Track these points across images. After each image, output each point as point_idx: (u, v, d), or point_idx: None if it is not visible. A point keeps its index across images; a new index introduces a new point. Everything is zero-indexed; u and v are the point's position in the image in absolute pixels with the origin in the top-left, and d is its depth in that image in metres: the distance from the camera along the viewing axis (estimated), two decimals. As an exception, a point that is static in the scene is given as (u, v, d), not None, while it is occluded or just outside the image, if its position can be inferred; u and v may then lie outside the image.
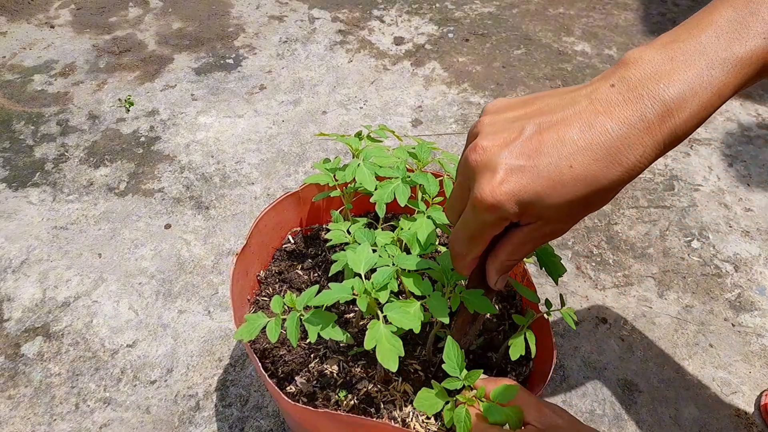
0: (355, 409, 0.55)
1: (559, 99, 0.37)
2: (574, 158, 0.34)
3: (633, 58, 0.35)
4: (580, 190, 0.35)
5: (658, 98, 0.33)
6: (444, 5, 1.76)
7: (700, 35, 0.34)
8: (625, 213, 1.13)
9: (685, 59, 0.34)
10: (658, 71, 0.34)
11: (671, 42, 0.35)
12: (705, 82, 0.33)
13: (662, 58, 0.34)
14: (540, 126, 0.36)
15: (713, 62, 0.34)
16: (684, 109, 0.34)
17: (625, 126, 0.34)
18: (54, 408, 0.83)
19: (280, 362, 0.58)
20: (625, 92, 0.34)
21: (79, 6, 1.70)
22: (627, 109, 0.34)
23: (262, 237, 0.68)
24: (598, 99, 0.35)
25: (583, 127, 0.34)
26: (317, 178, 0.63)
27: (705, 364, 0.90)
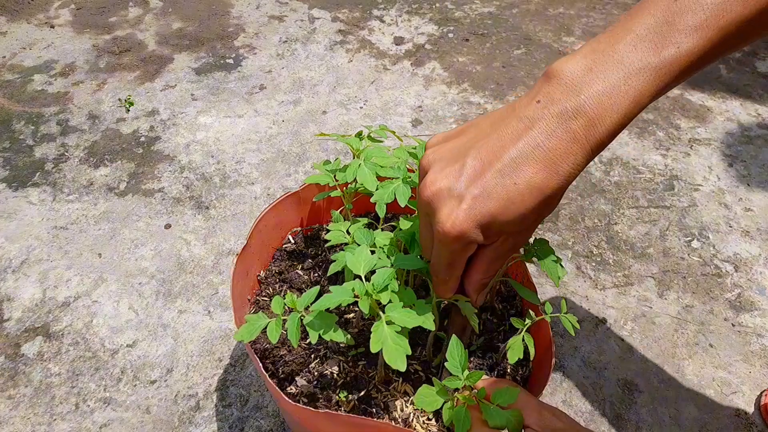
0: (356, 409, 0.55)
1: (492, 122, 0.40)
2: (516, 175, 0.37)
3: (555, 71, 0.37)
4: (529, 203, 0.37)
5: (580, 111, 0.36)
6: (444, 5, 1.76)
7: (618, 44, 0.36)
8: (625, 213, 1.13)
9: (603, 70, 0.36)
10: (578, 83, 0.36)
11: (591, 52, 0.37)
12: (623, 92, 0.35)
13: (582, 69, 0.36)
14: (479, 151, 0.38)
15: (630, 72, 0.36)
16: (605, 119, 0.36)
17: (554, 139, 0.36)
18: (54, 408, 0.83)
19: (280, 362, 0.58)
20: (550, 106, 0.36)
21: (79, 6, 1.70)
22: (553, 123, 0.36)
23: (262, 237, 0.68)
24: (527, 116, 0.37)
25: (517, 145, 0.37)
26: (317, 179, 0.63)
27: (705, 364, 0.90)
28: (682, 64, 0.36)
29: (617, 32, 0.37)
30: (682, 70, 0.36)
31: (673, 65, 0.36)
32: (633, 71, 0.36)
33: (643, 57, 0.36)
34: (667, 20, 0.35)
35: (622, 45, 0.36)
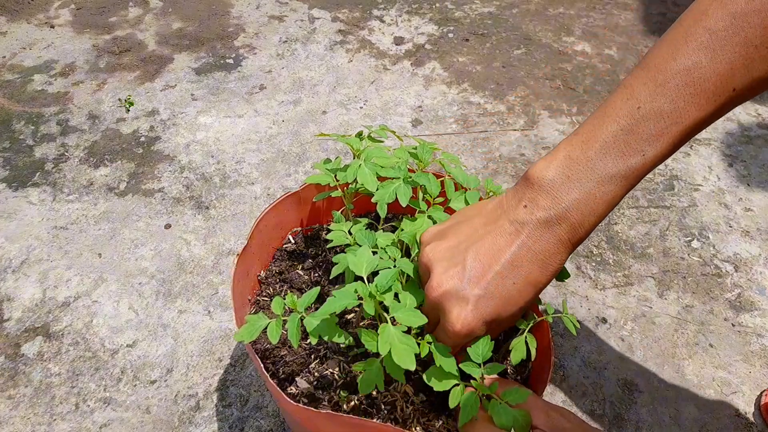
0: (356, 409, 0.55)
1: (484, 222, 0.45)
2: (513, 276, 0.42)
3: (537, 177, 0.42)
4: (525, 298, 0.44)
5: (563, 218, 0.41)
6: (444, 5, 1.76)
7: (589, 152, 0.40)
8: (625, 213, 1.13)
9: (578, 178, 0.41)
10: (558, 191, 0.41)
11: (567, 159, 0.41)
12: (598, 198, 0.40)
13: (561, 177, 0.41)
14: (477, 254, 0.43)
15: (602, 180, 0.40)
16: (584, 223, 0.41)
17: (543, 242, 0.42)
18: (54, 408, 0.83)
19: (281, 363, 0.58)
20: (536, 212, 0.42)
21: (79, 6, 1.70)
22: (541, 229, 0.42)
23: (262, 237, 0.68)
24: (517, 220, 0.43)
25: (511, 248, 0.42)
26: (318, 178, 0.63)
27: (705, 364, 0.90)
28: (647, 168, 0.40)
29: (588, 137, 0.41)
30: (648, 171, 0.41)
31: (639, 170, 0.40)
32: (605, 179, 0.40)
33: (612, 165, 0.40)
34: (630, 129, 0.39)
35: (593, 153, 0.40)
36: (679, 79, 0.38)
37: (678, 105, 0.38)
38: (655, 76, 0.39)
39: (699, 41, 0.38)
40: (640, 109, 0.39)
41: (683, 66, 0.38)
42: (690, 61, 0.38)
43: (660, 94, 0.38)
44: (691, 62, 0.38)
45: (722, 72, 0.37)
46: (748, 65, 0.37)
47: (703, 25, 0.38)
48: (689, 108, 0.38)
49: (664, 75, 0.38)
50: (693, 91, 0.38)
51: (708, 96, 0.38)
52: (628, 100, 0.40)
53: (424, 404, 0.55)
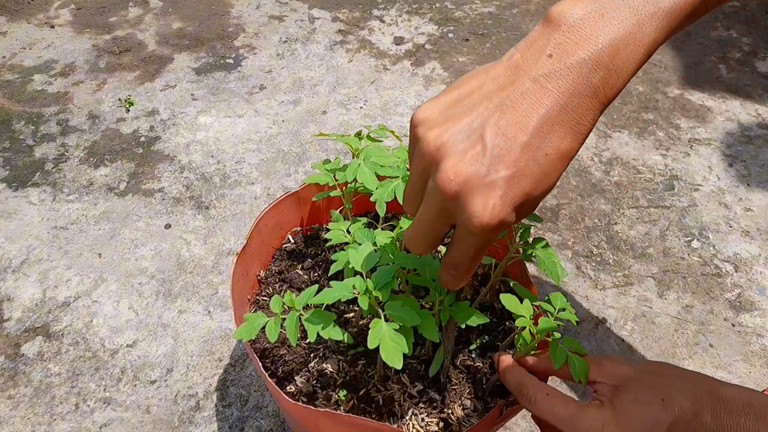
0: (355, 408, 0.55)
1: (499, 86, 0.35)
2: (545, 146, 0.34)
3: (560, 16, 0.34)
4: (559, 170, 0.35)
5: (600, 62, 0.33)
6: (444, 5, 1.76)
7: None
8: (625, 213, 1.13)
9: (615, 15, 0.33)
10: (592, 31, 0.33)
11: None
12: (638, 40, 0.34)
13: (594, 15, 0.34)
14: (498, 126, 0.34)
15: (642, 18, 0.34)
16: (622, 70, 0.34)
17: (576, 97, 0.34)
18: (54, 408, 0.83)
19: (280, 362, 0.58)
20: (565, 59, 0.33)
21: (79, 6, 1.71)
22: (573, 78, 0.33)
23: (262, 237, 0.68)
24: (542, 74, 0.34)
25: (539, 111, 0.34)
26: (317, 178, 0.63)
27: (705, 364, 0.90)
28: (693, 2, 0.34)
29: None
30: (692, 10, 0.35)
31: (682, 7, 0.34)
32: (646, 16, 0.34)
33: (654, 1, 0.34)
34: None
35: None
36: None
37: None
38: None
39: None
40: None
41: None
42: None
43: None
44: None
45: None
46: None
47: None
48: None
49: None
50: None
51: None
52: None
53: (420, 394, 0.56)
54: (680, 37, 1.60)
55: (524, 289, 0.56)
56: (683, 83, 1.46)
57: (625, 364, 0.44)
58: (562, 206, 1.14)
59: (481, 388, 0.57)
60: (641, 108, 1.39)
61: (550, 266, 0.52)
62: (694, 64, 1.52)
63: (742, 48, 1.58)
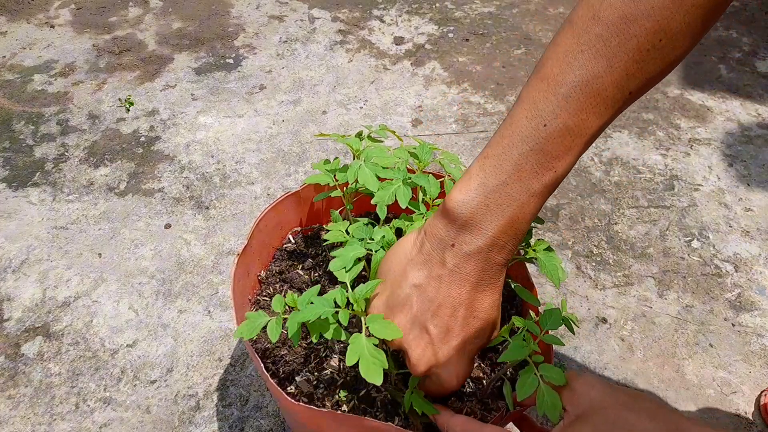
0: (356, 409, 0.55)
1: (424, 278, 0.45)
2: (474, 314, 0.45)
3: (456, 212, 0.42)
4: (494, 318, 0.46)
5: (494, 244, 0.42)
6: (444, 5, 1.76)
7: (503, 176, 0.41)
8: (625, 213, 1.13)
9: (498, 205, 0.41)
10: (482, 222, 0.42)
11: (482, 186, 0.42)
12: (520, 219, 0.42)
13: (481, 207, 0.42)
14: (435, 318, 0.44)
15: (521, 203, 0.41)
16: (512, 242, 0.43)
17: (486, 272, 0.43)
18: (54, 408, 0.83)
19: (281, 362, 0.58)
20: (465, 247, 0.43)
21: (79, 6, 1.70)
22: (477, 262, 0.43)
23: (262, 237, 0.68)
24: (452, 263, 0.43)
25: (461, 295, 0.44)
26: (317, 178, 0.63)
27: (705, 364, 0.90)
28: (559, 181, 0.41)
29: (500, 161, 0.41)
30: (560, 182, 0.42)
31: (553, 185, 0.41)
32: (524, 201, 0.41)
33: (528, 187, 0.41)
34: (540, 148, 0.40)
35: (506, 176, 0.41)
36: (580, 92, 0.38)
37: (581, 118, 0.39)
38: (556, 89, 0.39)
39: (594, 50, 0.38)
40: (546, 127, 0.39)
41: (582, 78, 0.38)
42: (588, 73, 0.38)
43: (563, 109, 0.39)
44: (590, 74, 0.38)
45: (619, 79, 0.38)
46: (642, 68, 0.38)
47: (595, 32, 0.38)
48: (591, 118, 0.39)
49: (565, 88, 0.38)
50: (594, 102, 0.38)
51: (608, 104, 0.39)
52: (533, 119, 0.40)
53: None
54: (680, 37, 1.60)
55: (526, 291, 0.56)
56: (683, 83, 1.46)
57: (598, 387, 0.42)
58: (562, 206, 1.14)
59: (480, 389, 0.57)
60: (641, 108, 1.39)
61: (551, 269, 0.52)
62: (694, 64, 1.52)
63: (742, 48, 1.58)
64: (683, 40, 0.37)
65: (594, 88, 0.38)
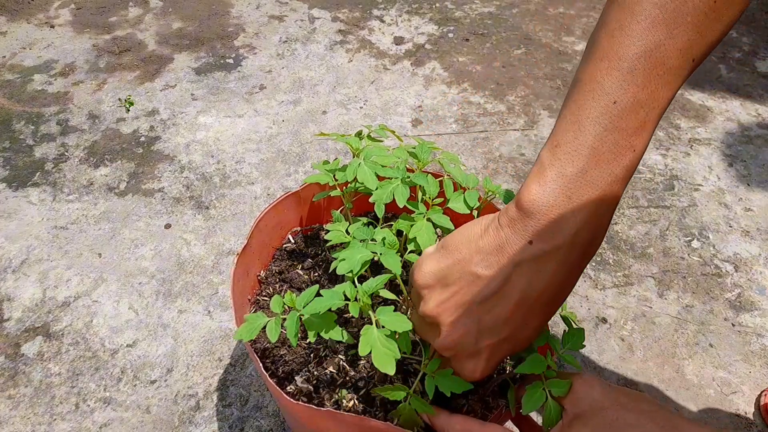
0: (355, 408, 0.55)
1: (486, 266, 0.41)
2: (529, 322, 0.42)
3: (536, 205, 0.38)
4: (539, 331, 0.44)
5: (575, 243, 0.38)
6: (444, 5, 1.76)
7: (581, 162, 0.37)
8: (625, 213, 1.13)
9: (580, 195, 0.38)
10: (564, 217, 0.38)
11: (560, 177, 0.38)
12: (604, 210, 0.38)
13: (562, 200, 0.38)
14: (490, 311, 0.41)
15: (605, 191, 0.38)
16: (596, 240, 0.39)
17: (558, 276, 0.39)
18: (54, 408, 0.83)
19: (280, 362, 0.58)
20: (544, 245, 0.38)
21: (79, 6, 1.70)
22: (552, 263, 0.39)
23: (262, 237, 0.68)
24: (524, 261, 0.39)
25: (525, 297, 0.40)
26: (317, 178, 0.63)
27: (705, 364, 0.90)
28: (638, 160, 0.38)
29: (573, 147, 0.38)
30: (638, 163, 0.39)
31: (633, 166, 0.38)
32: (606, 187, 0.38)
33: (609, 172, 0.37)
34: (614, 126, 0.37)
35: (585, 163, 0.37)
36: (645, 63, 0.36)
37: (650, 89, 0.36)
38: (619, 64, 0.37)
39: (651, 18, 0.36)
40: (616, 104, 0.37)
41: (644, 48, 0.36)
42: (650, 42, 0.36)
43: (631, 83, 0.36)
44: (652, 42, 0.36)
45: (682, 46, 0.36)
46: (702, 33, 0.36)
47: (650, 1, 0.36)
48: (660, 89, 0.37)
49: (628, 62, 0.36)
50: (660, 71, 0.36)
51: (675, 73, 0.37)
52: (601, 98, 0.37)
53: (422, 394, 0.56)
54: (680, 37, 1.60)
55: None
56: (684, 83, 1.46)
57: (597, 388, 0.42)
58: (562, 206, 1.14)
59: (482, 387, 0.57)
60: (641, 108, 1.38)
61: None
62: (694, 64, 1.52)
63: (742, 48, 1.58)
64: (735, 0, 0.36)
65: (658, 58, 0.36)
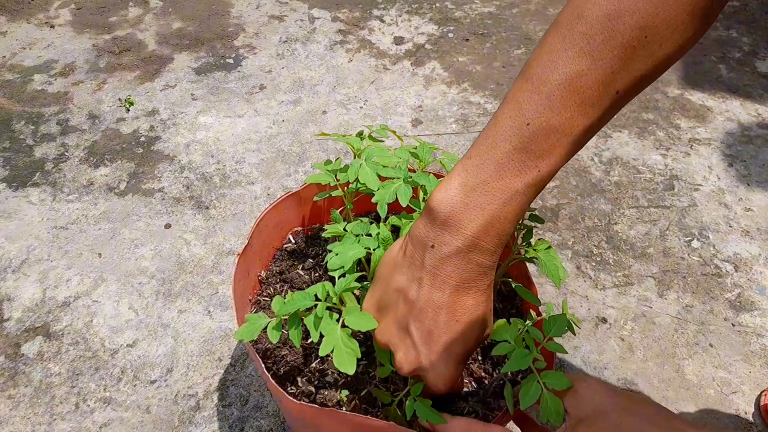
0: (357, 408, 0.55)
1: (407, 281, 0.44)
2: (458, 317, 0.43)
3: (436, 212, 0.42)
4: (481, 319, 0.45)
5: (473, 245, 0.41)
6: (444, 5, 1.76)
7: (484, 175, 0.40)
8: (625, 213, 1.14)
9: (478, 203, 0.40)
10: (461, 221, 0.41)
11: (463, 186, 0.41)
12: (501, 219, 0.40)
13: (460, 206, 0.41)
14: (418, 322, 0.44)
15: (502, 202, 0.40)
16: (496, 244, 0.42)
17: (467, 273, 0.42)
18: (54, 408, 0.83)
19: (281, 362, 0.58)
20: (444, 248, 0.42)
21: (79, 6, 1.70)
22: (457, 263, 0.42)
23: (263, 237, 0.68)
24: (432, 266, 0.43)
25: (442, 298, 0.43)
26: (318, 178, 0.63)
27: (705, 364, 0.90)
28: (545, 181, 0.40)
29: (482, 160, 0.40)
30: (546, 183, 0.41)
31: (537, 185, 0.40)
32: (505, 200, 0.40)
33: (510, 185, 0.39)
34: (523, 147, 0.39)
35: (488, 176, 0.40)
36: (563, 90, 0.37)
37: (565, 117, 0.38)
38: (539, 87, 0.38)
39: (578, 48, 0.37)
40: (529, 125, 0.38)
41: (566, 76, 0.37)
42: (572, 70, 0.37)
43: (547, 108, 0.38)
44: (573, 71, 0.37)
45: (604, 77, 0.37)
46: (628, 66, 0.37)
47: (579, 30, 0.37)
48: (576, 117, 0.38)
49: (548, 87, 0.38)
50: (578, 100, 0.38)
51: (593, 102, 0.38)
52: (517, 118, 0.39)
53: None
54: (680, 37, 1.60)
55: (526, 291, 0.56)
56: (683, 83, 1.46)
57: (601, 392, 0.42)
58: (562, 206, 1.14)
59: (483, 389, 0.57)
60: (641, 108, 1.39)
61: (551, 269, 0.52)
62: (694, 63, 1.52)
63: (742, 48, 1.59)
64: (671, 37, 0.36)
65: (577, 86, 0.37)
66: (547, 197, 1.16)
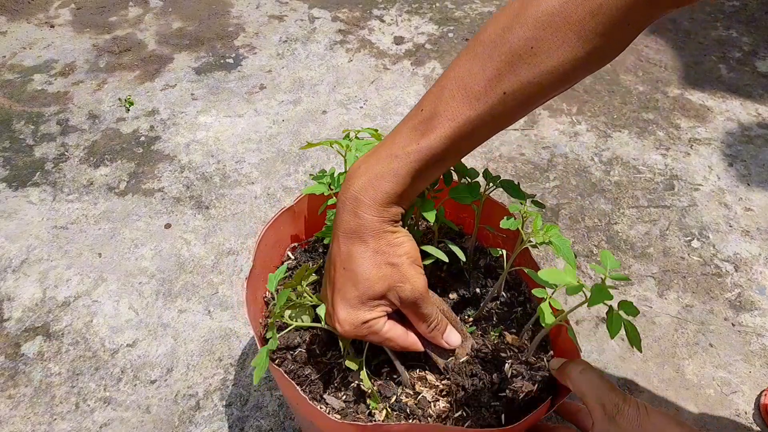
0: (389, 417, 0.55)
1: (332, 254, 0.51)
2: (345, 274, 0.49)
3: (347, 176, 0.50)
4: (368, 285, 0.49)
5: (355, 198, 0.48)
6: (444, 5, 1.76)
7: (382, 147, 0.49)
8: (625, 213, 1.13)
9: (367, 165, 0.48)
10: (352, 177, 0.49)
11: (366, 156, 0.50)
12: (381, 175, 0.47)
13: (354, 168, 0.49)
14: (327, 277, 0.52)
15: (380, 159, 0.48)
16: (368, 198, 0.48)
17: (350, 222, 0.48)
18: (54, 407, 0.83)
19: (306, 382, 0.58)
20: (341, 198, 0.49)
21: (79, 5, 1.70)
22: (345, 212, 0.49)
23: (263, 257, 0.67)
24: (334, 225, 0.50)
25: (336, 253, 0.50)
26: (313, 190, 0.63)
27: (705, 363, 0.90)
28: (423, 152, 0.47)
29: (389, 137, 0.49)
30: (426, 155, 0.47)
31: (417, 153, 0.47)
32: (386, 162, 0.47)
33: (392, 152, 0.47)
34: (414, 127, 0.47)
35: (383, 147, 0.48)
36: (453, 84, 0.45)
37: (451, 105, 0.45)
38: (439, 83, 0.47)
39: (474, 52, 0.45)
40: (422, 111, 0.47)
41: (459, 73, 0.45)
42: (464, 70, 0.45)
43: (438, 97, 0.46)
44: (465, 70, 0.45)
45: (491, 77, 0.44)
46: (516, 72, 0.43)
47: (479, 40, 0.45)
48: (461, 107, 0.45)
49: (443, 81, 0.46)
50: (465, 94, 0.45)
51: (479, 97, 0.44)
52: (418, 105, 0.48)
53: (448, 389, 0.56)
54: (680, 37, 1.60)
55: (533, 272, 0.56)
56: (683, 83, 1.46)
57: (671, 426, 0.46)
58: (562, 206, 1.14)
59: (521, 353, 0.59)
60: (641, 108, 1.39)
61: (566, 251, 0.53)
62: (694, 63, 1.52)
63: (742, 48, 1.58)
64: (558, 51, 0.42)
65: (465, 83, 0.45)
66: (547, 197, 1.16)
